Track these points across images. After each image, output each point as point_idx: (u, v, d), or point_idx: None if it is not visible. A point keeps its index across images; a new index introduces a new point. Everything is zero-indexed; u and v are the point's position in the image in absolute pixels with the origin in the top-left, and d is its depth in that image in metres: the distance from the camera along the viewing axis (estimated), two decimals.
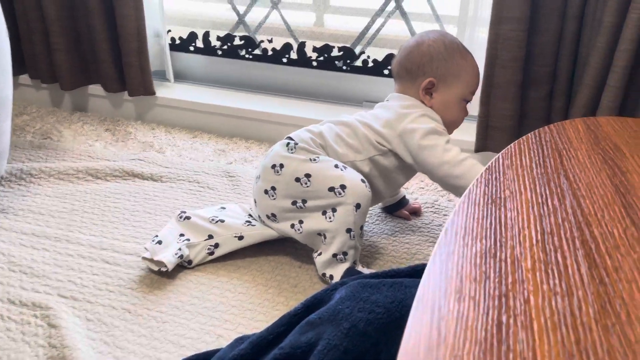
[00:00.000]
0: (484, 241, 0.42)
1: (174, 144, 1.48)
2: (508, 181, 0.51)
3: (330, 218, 0.91)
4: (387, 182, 1.01)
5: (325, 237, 0.93)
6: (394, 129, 0.96)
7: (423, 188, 1.27)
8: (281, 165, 0.95)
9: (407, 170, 1.01)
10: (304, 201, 0.93)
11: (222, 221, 1.00)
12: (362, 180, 0.92)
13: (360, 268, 0.95)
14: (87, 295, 0.89)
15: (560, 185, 0.51)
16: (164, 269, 0.93)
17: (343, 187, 0.90)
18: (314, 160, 0.94)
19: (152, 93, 1.56)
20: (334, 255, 0.92)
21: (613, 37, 1.08)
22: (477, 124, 1.27)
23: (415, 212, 1.17)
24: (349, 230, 0.91)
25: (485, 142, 1.28)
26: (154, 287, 0.92)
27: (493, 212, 0.46)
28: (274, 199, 0.96)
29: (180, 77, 1.71)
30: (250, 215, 1.04)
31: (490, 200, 0.48)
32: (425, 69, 0.98)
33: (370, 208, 1.09)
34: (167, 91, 1.62)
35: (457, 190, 0.94)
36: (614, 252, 0.41)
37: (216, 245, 0.98)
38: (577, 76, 1.20)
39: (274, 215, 0.97)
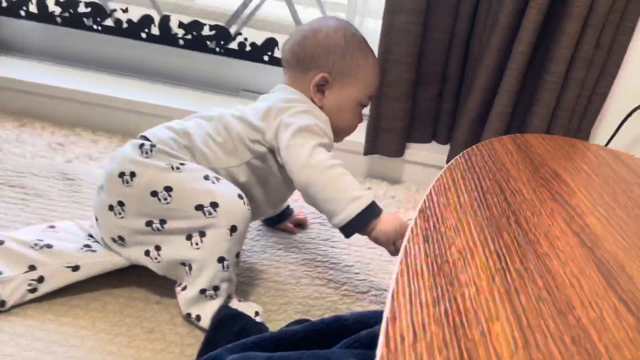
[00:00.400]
0: (444, 352, 0.26)
1: None
2: (451, 232, 0.37)
3: (197, 244, 0.72)
4: (269, 194, 0.83)
5: (190, 268, 0.73)
6: (270, 124, 0.78)
7: None
8: (132, 174, 0.72)
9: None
10: (163, 221, 0.72)
11: (50, 246, 0.76)
12: (240, 196, 0.73)
13: (235, 303, 0.76)
14: None
15: (516, 238, 0.37)
16: None
17: (214, 205, 0.71)
18: (177, 168, 0.73)
19: None
20: (202, 291, 0.73)
21: (509, 38, 1.02)
22: (367, 124, 1.14)
23: (301, 224, 1.01)
24: (221, 260, 0.72)
25: (375, 145, 1.17)
26: None
27: (445, 291, 0.31)
28: (122, 217, 0.73)
29: (6, 48, 1.37)
30: (91, 236, 0.80)
31: (436, 268, 0.33)
32: (320, 62, 0.81)
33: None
34: None
35: (319, 204, 0.74)
36: (619, 357, 0.28)
37: (40, 279, 0.74)
38: (468, 78, 1.13)
39: (121, 238, 0.75)
